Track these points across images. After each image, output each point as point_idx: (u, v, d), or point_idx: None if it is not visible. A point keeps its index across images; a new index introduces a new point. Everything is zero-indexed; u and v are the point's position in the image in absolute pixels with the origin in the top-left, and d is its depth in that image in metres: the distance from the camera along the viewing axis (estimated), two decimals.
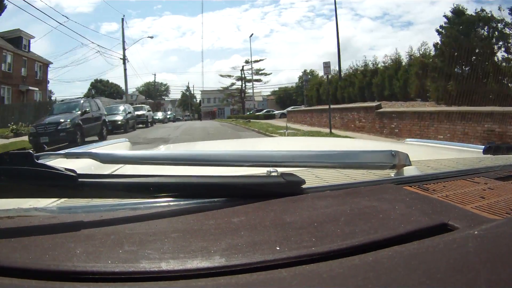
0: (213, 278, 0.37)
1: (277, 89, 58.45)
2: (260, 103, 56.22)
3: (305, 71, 50.71)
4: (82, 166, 0.76)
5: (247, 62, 50.87)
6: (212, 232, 0.47)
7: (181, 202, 0.60)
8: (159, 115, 35.41)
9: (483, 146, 1.09)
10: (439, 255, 0.38)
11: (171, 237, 0.46)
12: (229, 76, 52.88)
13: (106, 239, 0.46)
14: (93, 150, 0.64)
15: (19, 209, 0.60)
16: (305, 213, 0.53)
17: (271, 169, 0.67)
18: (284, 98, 54.61)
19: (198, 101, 73.22)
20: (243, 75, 50.83)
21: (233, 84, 52.33)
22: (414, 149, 1.38)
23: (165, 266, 0.39)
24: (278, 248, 0.42)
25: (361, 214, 0.52)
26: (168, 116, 45.38)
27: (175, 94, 76.89)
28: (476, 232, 0.43)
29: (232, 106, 55.99)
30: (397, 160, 0.75)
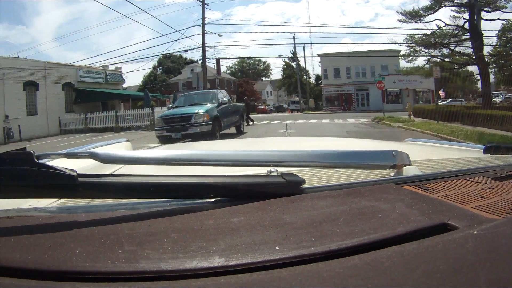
0: (213, 278, 0.37)
1: None
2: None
3: None
4: (82, 166, 0.76)
5: None
6: (211, 232, 0.47)
7: (181, 202, 0.60)
8: None
9: (483, 146, 1.09)
10: (439, 255, 0.38)
11: (171, 237, 0.46)
12: None
13: (106, 239, 0.46)
14: (94, 150, 0.64)
15: (18, 209, 0.60)
16: (305, 213, 0.53)
17: (271, 169, 0.67)
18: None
19: (315, 78, 43.76)
20: None
21: None
22: (414, 149, 1.38)
23: (164, 266, 0.39)
24: (277, 248, 0.42)
25: (361, 214, 0.52)
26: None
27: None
28: (475, 232, 0.43)
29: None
30: (397, 160, 0.75)
